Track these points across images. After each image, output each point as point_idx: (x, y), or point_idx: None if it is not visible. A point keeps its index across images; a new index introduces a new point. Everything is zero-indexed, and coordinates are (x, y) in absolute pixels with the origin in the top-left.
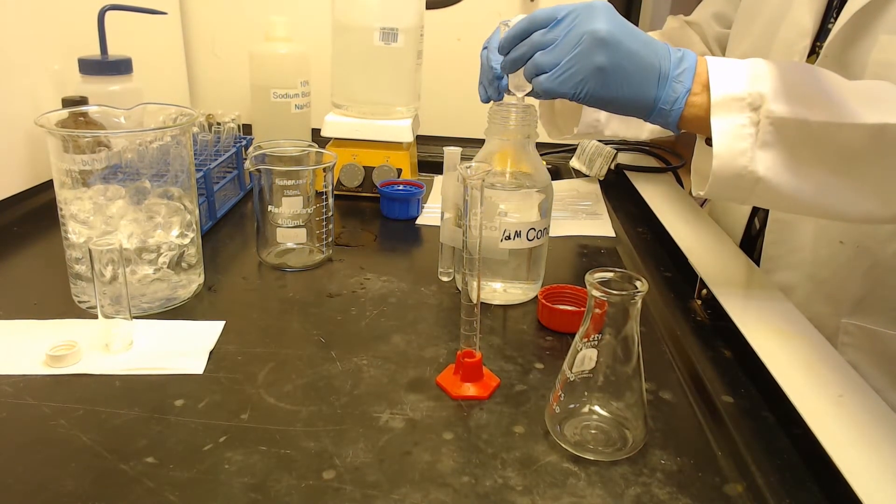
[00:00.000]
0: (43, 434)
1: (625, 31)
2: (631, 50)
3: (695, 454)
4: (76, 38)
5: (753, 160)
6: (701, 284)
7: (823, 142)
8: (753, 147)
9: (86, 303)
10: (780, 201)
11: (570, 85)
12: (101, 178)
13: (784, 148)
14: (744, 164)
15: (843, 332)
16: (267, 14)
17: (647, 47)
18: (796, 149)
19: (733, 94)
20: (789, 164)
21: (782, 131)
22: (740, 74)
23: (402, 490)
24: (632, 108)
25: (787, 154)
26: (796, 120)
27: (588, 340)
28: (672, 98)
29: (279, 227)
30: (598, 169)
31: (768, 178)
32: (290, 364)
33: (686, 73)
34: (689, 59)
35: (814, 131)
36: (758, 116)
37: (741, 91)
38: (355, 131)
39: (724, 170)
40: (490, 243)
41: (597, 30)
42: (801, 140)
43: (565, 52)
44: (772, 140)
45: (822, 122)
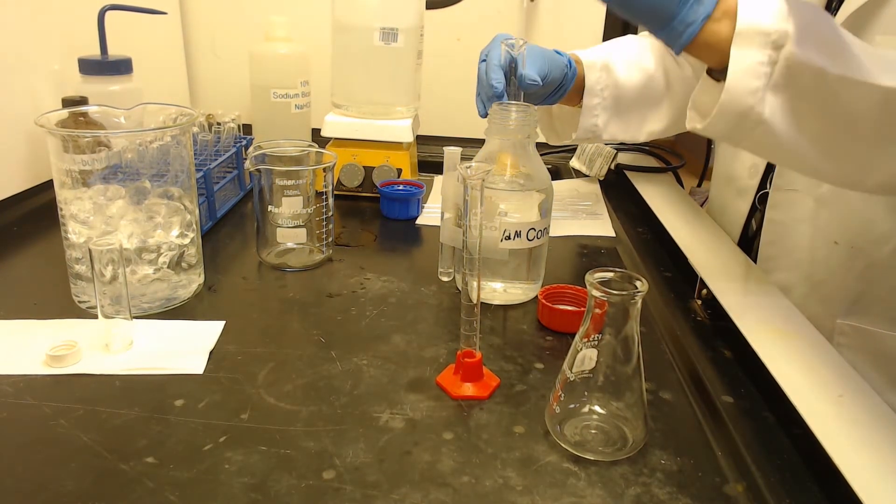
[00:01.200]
0: (43, 434)
1: None
2: None
3: (695, 454)
4: (76, 38)
5: (762, 101)
6: (701, 284)
7: (833, 95)
8: (766, 87)
9: (86, 303)
10: (772, 149)
11: None
12: (101, 178)
13: (794, 94)
14: (751, 104)
15: (839, 333)
16: (267, 14)
17: None
18: (806, 97)
19: (761, 26)
20: (795, 112)
21: (798, 77)
22: (771, 8)
23: (402, 490)
24: (649, 14)
25: (796, 101)
26: (814, 68)
27: (588, 340)
28: (690, 19)
29: (279, 227)
30: (598, 169)
31: (771, 122)
32: (290, 364)
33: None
34: None
35: (828, 83)
36: (777, 56)
37: (769, 25)
38: (355, 131)
39: (731, 106)
40: (490, 243)
41: None
42: (813, 90)
43: None
44: (785, 84)
45: (838, 75)
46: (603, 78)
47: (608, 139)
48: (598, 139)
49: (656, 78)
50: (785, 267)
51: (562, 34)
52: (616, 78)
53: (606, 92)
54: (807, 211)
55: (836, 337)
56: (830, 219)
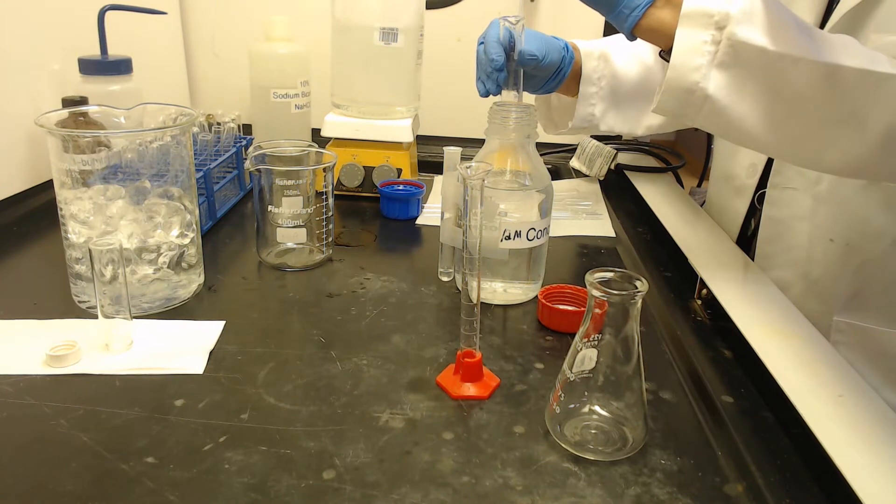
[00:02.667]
0: (43, 434)
1: None
2: None
3: (695, 454)
4: (76, 38)
5: (706, 77)
6: (701, 284)
7: (777, 73)
8: (710, 65)
9: (86, 303)
10: (726, 126)
11: None
12: (101, 178)
13: (739, 72)
14: (696, 80)
15: (836, 330)
16: (267, 14)
17: None
18: (750, 75)
19: (704, 8)
20: (740, 89)
21: (741, 55)
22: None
23: (402, 490)
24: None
25: (741, 78)
26: (756, 47)
27: (588, 340)
28: (633, 4)
29: (279, 227)
30: (598, 169)
31: (717, 97)
32: (290, 364)
33: None
34: None
35: (771, 61)
36: (720, 36)
37: (712, 7)
38: (355, 131)
39: (677, 82)
40: (490, 243)
41: None
42: (757, 67)
43: None
44: (728, 62)
45: (780, 52)
46: (600, 67)
47: (605, 130)
48: (594, 129)
49: (655, 71)
50: (782, 264)
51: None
52: (614, 68)
53: (603, 81)
54: (805, 209)
55: (833, 334)
56: (827, 216)
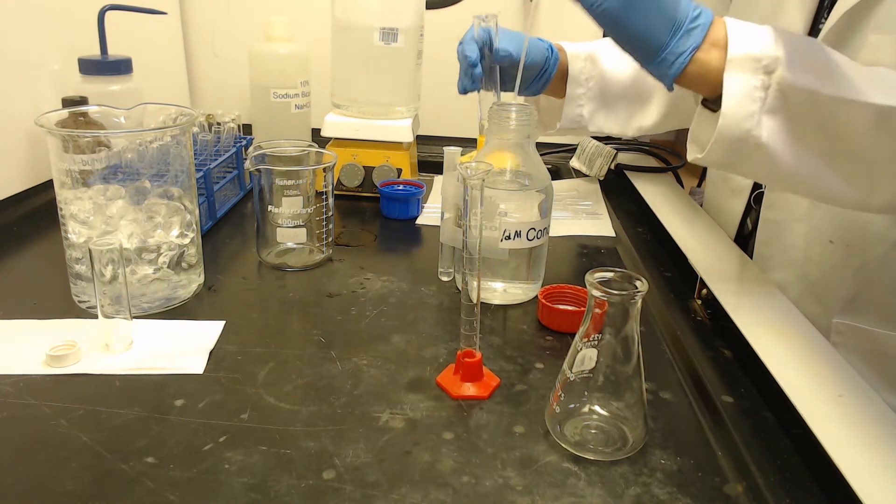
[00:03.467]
0: (43, 434)
1: None
2: None
3: (695, 454)
4: (76, 38)
5: (759, 125)
6: (701, 284)
7: (828, 116)
8: (761, 111)
9: (86, 303)
10: (773, 173)
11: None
12: (101, 178)
13: (790, 117)
14: (749, 128)
15: (835, 332)
16: (267, 14)
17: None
18: (801, 119)
19: (751, 53)
20: (792, 134)
21: (791, 99)
22: (759, 35)
23: (402, 490)
24: (640, 45)
25: (792, 123)
26: (807, 90)
27: (588, 340)
28: (679, 50)
29: (279, 227)
30: (598, 169)
31: (769, 145)
32: (290, 364)
33: (699, 29)
34: (706, 15)
35: (821, 104)
36: (769, 81)
37: (759, 52)
38: (355, 131)
39: (729, 131)
40: (490, 243)
41: None
42: (808, 111)
43: None
44: (779, 107)
45: (831, 95)
46: (588, 68)
47: (595, 131)
48: (583, 130)
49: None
50: (780, 266)
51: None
52: (602, 69)
53: (591, 83)
54: (801, 210)
55: (832, 336)
56: (825, 218)
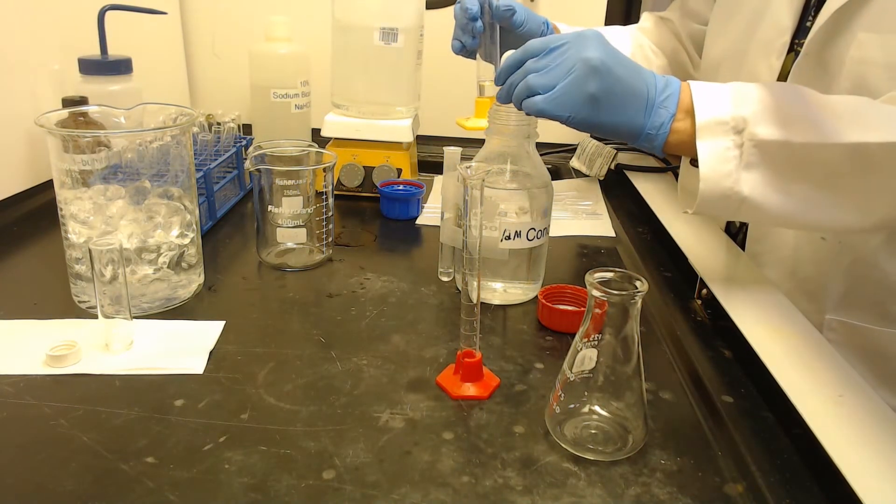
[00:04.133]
0: (43, 434)
1: (615, 59)
2: (621, 77)
3: (695, 454)
4: (76, 38)
5: (738, 181)
6: (701, 284)
7: (805, 161)
8: (738, 169)
9: (86, 303)
10: (765, 218)
11: (566, 109)
12: (101, 178)
13: (767, 168)
14: (729, 186)
15: (828, 329)
16: (267, 14)
17: (635, 74)
18: (779, 169)
19: (717, 117)
20: (773, 184)
21: (765, 153)
22: (723, 98)
23: (402, 490)
24: (621, 132)
25: (771, 174)
26: (778, 142)
27: (588, 340)
28: (658, 123)
29: (279, 227)
30: (598, 169)
31: (753, 197)
32: (290, 364)
33: (670, 99)
34: (673, 85)
35: (796, 151)
36: (741, 139)
37: (725, 115)
38: (355, 131)
39: (711, 191)
40: (490, 243)
41: (589, 58)
42: (784, 160)
43: (559, 78)
44: (756, 161)
45: (803, 142)
46: None
47: None
48: None
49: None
50: (770, 263)
51: None
52: None
53: None
54: None
55: (824, 332)
56: None
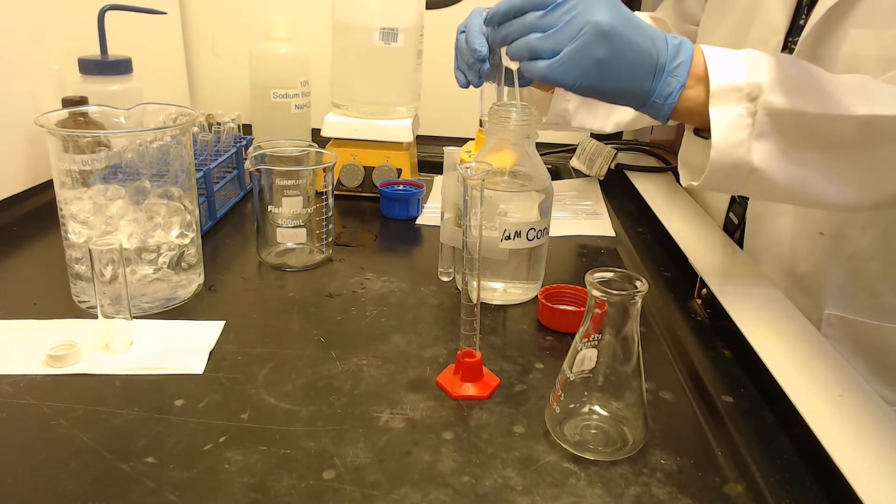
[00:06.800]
0: (43, 434)
1: (626, 23)
2: (631, 42)
3: (695, 454)
4: (76, 38)
5: (750, 151)
6: (701, 284)
7: (816, 132)
8: (750, 138)
9: (86, 303)
10: (770, 191)
11: (571, 76)
12: (101, 178)
13: (779, 138)
14: (740, 155)
15: (825, 324)
16: (267, 14)
17: (647, 39)
18: (790, 139)
19: (732, 83)
20: (783, 155)
21: (778, 122)
22: (738, 64)
23: (402, 490)
24: (626, 99)
25: (782, 144)
26: (792, 111)
27: (588, 340)
28: (666, 92)
29: (279, 227)
30: (598, 169)
31: (762, 168)
32: (290, 364)
33: (681, 67)
34: (686, 50)
35: (808, 122)
36: (755, 107)
37: (740, 81)
38: (355, 131)
39: (721, 161)
40: (490, 243)
41: (599, 21)
42: (796, 131)
43: (565, 42)
44: (767, 131)
45: (816, 113)
46: None
47: (577, 126)
48: (566, 125)
49: None
50: (767, 260)
51: None
52: None
53: None
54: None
55: (822, 328)
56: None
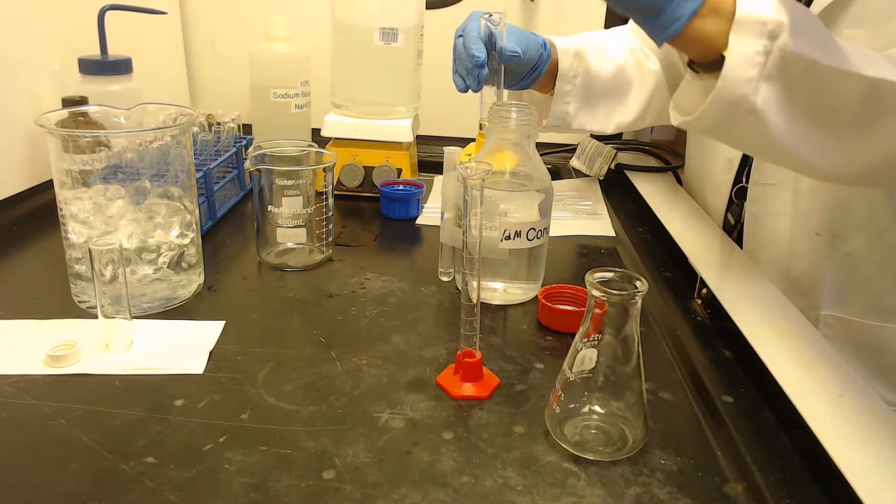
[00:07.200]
0: (43, 434)
1: None
2: None
3: (695, 454)
4: (76, 38)
5: (756, 90)
6: (701, 284)
7: (822, 87)
8: (760, 77)
9: (86, 303)
10: (758, 140)
11: None
12: (101, 178)
13: (786, 85)
14: (745, 93)
15: (823, 325)
16: (267, 14)
17: None
18: (796, 88)
19: (759, 16)
20: (785, 103)
21: (790, 67)
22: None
23: (402, 490)
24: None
25: (787, 92)
26: (806, 59)
27: (588, 340)
28: (676, 16)
29: (279, 227)
30: (598, 169)
31: (762, 111)
32: (290, 364)
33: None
34: None
35: (818, 75)
36: (772, 46)
37: (767, 14)
38: (355, 131)
39: (726, 94)
40: (490, 243)
41: None
42: (804, 81)
43: None
44: (777, 74)
45: (828, 66)
46: (575, 64)
47: (577, 128)
48: (567, 128)
49: (625, 69)
50: (765, 260)
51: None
52: (587, 66)
53: (578, 79)
54: (785, 204)
55: (820, 329)
56: (811, 210)
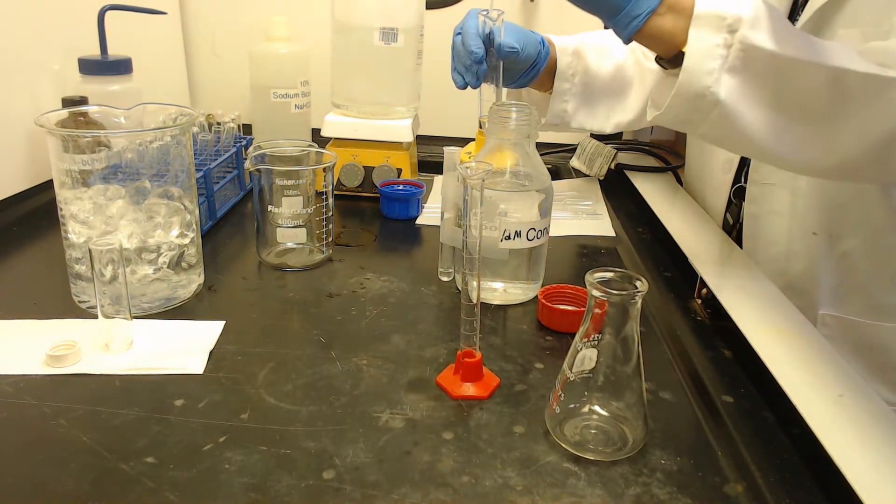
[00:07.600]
0: (43, 434)
1: None
2: None
3: (695, 454)
4: (76, 38)
5: (718, 82)
6: (701, 284)
7: (786, 78)
8: (721, 69)
9: (86, 303)
10: (733, 131)
11: None
12: (101, 178)
13: (749, 76)
14: (707, 84)
15: (822, 324)
16: (267, 14)
17: None
18: (760, 80)
19: (718, 11)
20: (750, 94)
21: (752, 59)
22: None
23: (402, 490)
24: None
25: (751, 83)
26: (767, 51)
27: (588, 340)
28: (634, 13)
29: (279, 227)
30: (598, 169)
31: (727, 103)
32: (290, 364)
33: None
34: None
35: (780, 65)
36: (732, 39)
37: (726, 10)
38: (355, 131)
39: (688, 87)
40: (490, 243)
41: None
42: (767, 72)
43: None
44: (740, 66)
45: (790, 57)
46: (574, 63)
47: (576, 127)
48: (566, 126)
49: (625, 69)
50: (763, 260)
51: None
52: (586, 64)
53: (577, 78)
54: (783, 204)
55: (818, 328)
56: (809, 210)
